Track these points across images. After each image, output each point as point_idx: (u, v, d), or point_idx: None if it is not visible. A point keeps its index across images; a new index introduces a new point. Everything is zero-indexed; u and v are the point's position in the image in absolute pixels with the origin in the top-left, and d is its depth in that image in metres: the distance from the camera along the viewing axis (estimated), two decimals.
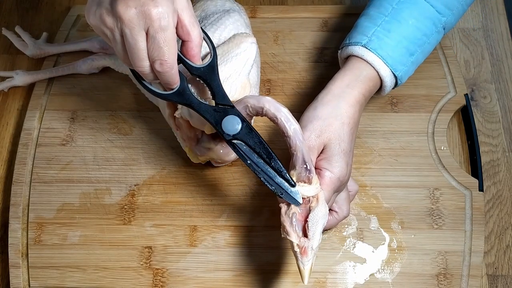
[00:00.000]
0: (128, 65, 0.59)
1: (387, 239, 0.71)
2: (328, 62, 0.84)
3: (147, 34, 0.55)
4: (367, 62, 0.68)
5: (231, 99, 0.67)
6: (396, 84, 0.71)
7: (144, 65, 0.57)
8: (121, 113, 0.80)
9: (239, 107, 0.63)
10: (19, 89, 0.85)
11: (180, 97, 0.61)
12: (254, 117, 0.65)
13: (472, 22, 0.89)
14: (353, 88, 0.67)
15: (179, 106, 0.68)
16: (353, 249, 0.70)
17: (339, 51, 0.73)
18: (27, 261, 0.70)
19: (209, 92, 0.63)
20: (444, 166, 0.75)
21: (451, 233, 0.71)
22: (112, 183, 0.75)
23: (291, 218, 0.59)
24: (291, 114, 0.61)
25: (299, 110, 0.79)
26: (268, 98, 0.61)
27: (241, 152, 0.61)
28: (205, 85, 0.63)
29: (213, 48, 0.63)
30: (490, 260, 0.72)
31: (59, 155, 0.77)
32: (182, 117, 0.68)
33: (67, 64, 0.83)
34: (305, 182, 0.60)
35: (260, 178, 0.60)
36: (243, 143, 0.61)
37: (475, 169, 0.76)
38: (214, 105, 0.62)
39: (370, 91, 0.69)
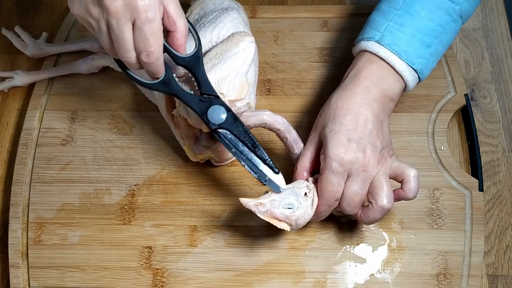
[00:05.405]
0: (114, 55, 0.59)
1: (387, 239, 0.71)
2: (328, 62, 0.83)
3: (133, 25, 0.55)
4: (381, 58, 0.67)
5: (229, 98, 0.67)
6: (419, 78, 0.70)
7: (130, 56, 0.57)
8: (121, 113, 0.80)
9: (256, 121, 0.65)
10: (19, 89, 0.85)
11: (165, 86, 0.62)
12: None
13: (472, 22, 0.89)
14: (353, 75, 0.67)
15: (177, 104, 0.68)
16: (353, 249, 0.70)
17: (352, 48, 0.72)
18: (27, 261, 0.70)
19: (195, 82, 0.63)
20: (444, 166, 0.75)
21: (451, 233, 0.71)
22: (112, 183, 0.75)
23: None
24: (297, 134, 0.67)
25: (299, 110, 0.80)
26: (284, 120, 0.65)
27: (225, 140, 0.63)
28: (190, 75, 0.64)
29: (198, 39, 0.64)
30: (490, 260, 0.72)
31: (59, 155, 0.77)
32: (180, 116, 0.68)
33: (67, 64, 0.83)
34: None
35: (244, 166, 0.63)
36: (228, 132, 0.63)
37: (475, 169, 0.76)
38: (199, 95, 0.63)
39: (376, 75, 0.67)
